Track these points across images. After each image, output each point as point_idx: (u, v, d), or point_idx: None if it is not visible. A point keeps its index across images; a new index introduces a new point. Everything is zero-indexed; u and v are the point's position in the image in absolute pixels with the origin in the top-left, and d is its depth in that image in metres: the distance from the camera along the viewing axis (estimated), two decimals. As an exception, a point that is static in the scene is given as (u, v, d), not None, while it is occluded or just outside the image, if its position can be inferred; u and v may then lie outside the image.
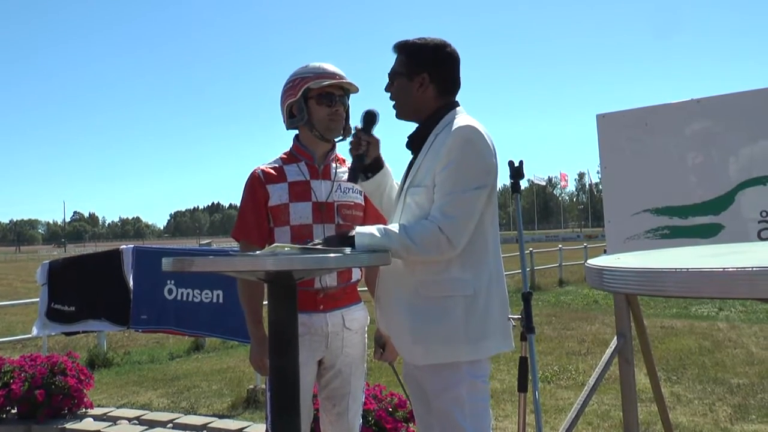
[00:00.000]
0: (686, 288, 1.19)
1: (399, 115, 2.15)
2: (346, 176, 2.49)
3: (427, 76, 2.06)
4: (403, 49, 2.10)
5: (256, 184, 2.43)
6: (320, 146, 2.48)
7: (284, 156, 2.52)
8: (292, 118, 2.46)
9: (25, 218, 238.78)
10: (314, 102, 2.41)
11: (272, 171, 2.45)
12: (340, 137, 2.50)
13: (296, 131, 2.53)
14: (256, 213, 2.43)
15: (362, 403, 2.56)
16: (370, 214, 2.49)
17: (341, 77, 2.43)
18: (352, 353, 2.45)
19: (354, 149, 2.15)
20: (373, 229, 1.93)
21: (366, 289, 2.56)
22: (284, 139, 2.62)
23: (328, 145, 2.50)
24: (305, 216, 2.39)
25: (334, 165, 2.51)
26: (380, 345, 2.49)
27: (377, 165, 2.21)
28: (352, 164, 2.17)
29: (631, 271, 1.39)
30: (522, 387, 2.36)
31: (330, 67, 2.44)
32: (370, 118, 2.16)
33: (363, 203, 2.51)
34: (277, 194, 2.41)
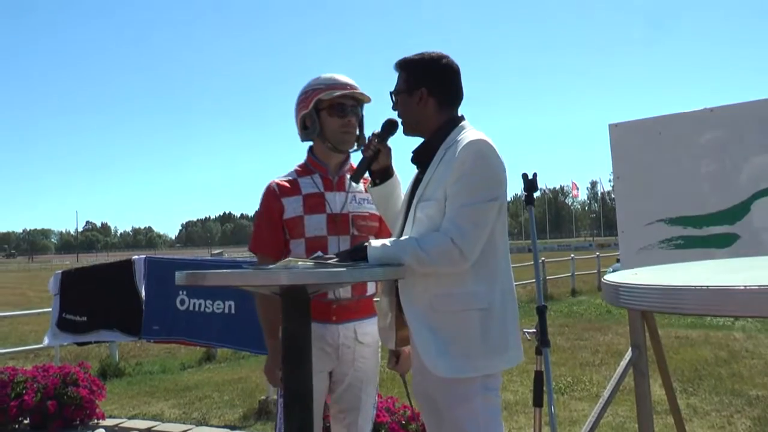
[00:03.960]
0: (706, 306, 1.17)
1: (406, 131, 2.16)
2: (361, 188, 2.49)
3: (425, 90, 2.07)
4: (403, 66, 2.13)
5: (271, 197, 2.43)
6: (333, 158, 2.47)
7: (299, 168, 2.51)
8: (305, 130, 2.46)
9: (38, 228, 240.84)
10: (326, 113, 2.40)
11: (287, 184, 2.45)
12: (354, 148, 2.49)
13: (311, 143, 2.52)
14: (271, 226, 2.42)
15: (373, 417, 2.53)
16: (385, 224, 2.48)
17: (352, 87, 2.42)
18: (364, 367, 2.43)
19: (364, 151, 2.18)
20: (385, 242, 1.94)
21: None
22: (299, 150, 2.63)
23: (341, 156, 2.48)
24: (320, 228, 2.38)
25: (348, 176, 2.49)
26: (395, 354, 2.45)
27: (387, 173, 2.22)
28: (358, 165, 2.18)
29: (650, 288, 1.37)
30: (538, 401, 2.33)
31: (342, 77, 2.43)
32: (389, 127, 2.17)
33: (378, 213, 2.49)
34: (292, 207, 2.40)
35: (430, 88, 2.07)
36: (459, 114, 2.13)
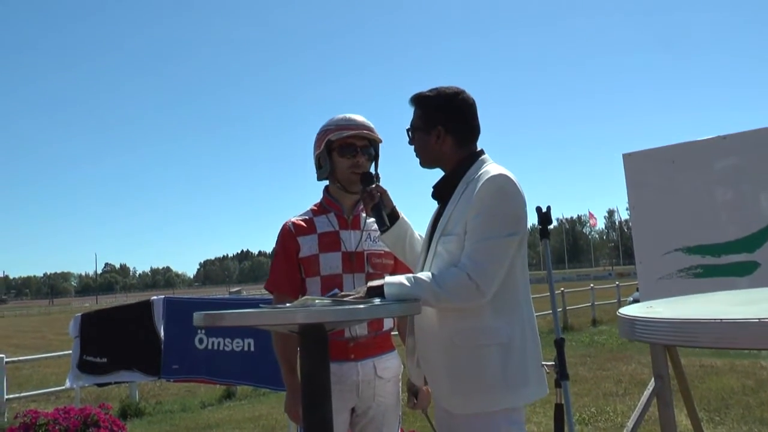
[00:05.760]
0: (720, 339, 1.17)
1: (423, 165, 2.19)
2: (376, 227, 2.52)
3: (442, 128, 2.08)
4: (418, 102, 2.15)
5: (287, 236, 2.46)
6: (347, 197, 2.50)
7: (315, 208, 2.55)
8: (320, 170, 2.50)
9: (59, 271, 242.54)
10: (336, 154, 2.44)
11: (302, 223, 2.48)
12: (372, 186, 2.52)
13: (327, 182, 2.56)
14: (287, 265, 2.45)
15: None
16: (400, 261, 2.49)
17: (363, 127, 2.44)
18: (385, 401, 2.43)
19: (367, 204, 2.25)
20: (402, 279, 1.93)
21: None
22: (315, 187, 2.65)
23: (355, 195, 2.48)
24: (335, 266, 2.40)
25: (363, 215, 2.52)
26: (413, 393, 2.47)
27: (393, 216, 2.26)
28: (374, 218, 2.25)
29: (664, 322, 1.37)
30: (559, 436, 2.29)
31: (354, 117, 2.46)
32: (365, 178, 2.30)
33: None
34: (307, 245, 2.43)
35: (447, 125, 2.08)
36: (478, 148, 2.14)
